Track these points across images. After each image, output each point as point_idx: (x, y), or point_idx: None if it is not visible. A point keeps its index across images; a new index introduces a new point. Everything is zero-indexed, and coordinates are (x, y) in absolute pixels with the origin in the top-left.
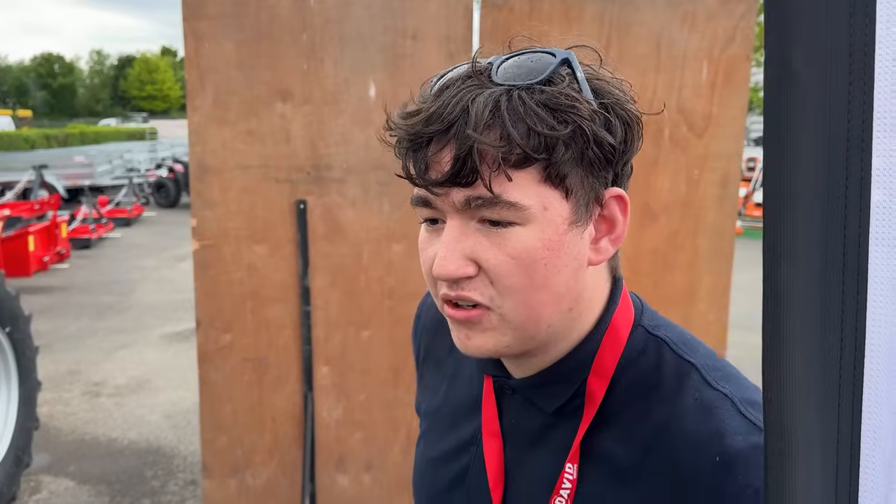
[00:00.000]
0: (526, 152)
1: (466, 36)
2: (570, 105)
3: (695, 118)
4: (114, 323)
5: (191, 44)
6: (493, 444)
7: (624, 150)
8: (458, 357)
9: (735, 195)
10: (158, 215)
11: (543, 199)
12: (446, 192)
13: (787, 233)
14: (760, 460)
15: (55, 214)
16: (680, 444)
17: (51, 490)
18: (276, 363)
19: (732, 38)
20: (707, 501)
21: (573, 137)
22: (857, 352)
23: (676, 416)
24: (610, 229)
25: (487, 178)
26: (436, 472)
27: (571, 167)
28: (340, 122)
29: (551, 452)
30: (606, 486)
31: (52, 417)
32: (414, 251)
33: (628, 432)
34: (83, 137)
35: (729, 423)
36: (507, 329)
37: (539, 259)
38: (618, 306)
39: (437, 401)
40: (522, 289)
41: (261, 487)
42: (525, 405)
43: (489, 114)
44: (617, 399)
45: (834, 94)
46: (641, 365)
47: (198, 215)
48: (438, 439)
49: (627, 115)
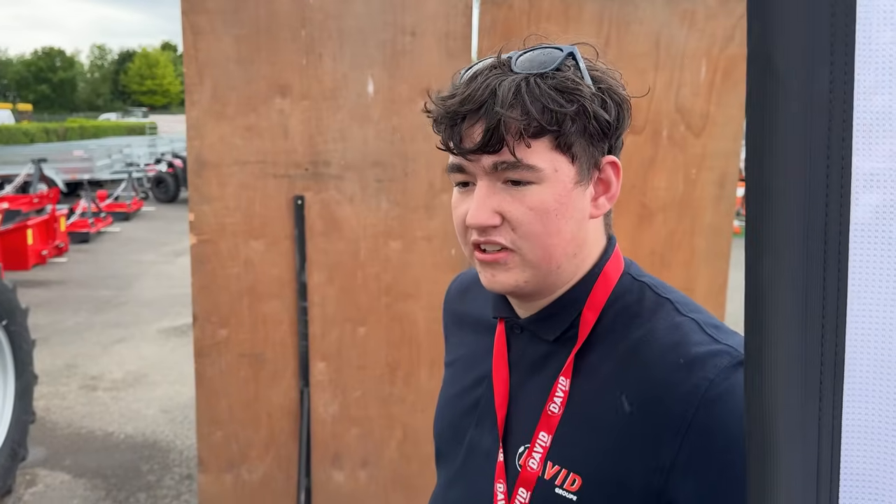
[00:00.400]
0: (541, 125)
1: (466, 33)
2: (575, 88)
3: (693, 117)
4: (111, 317)
5: (189, 38)
6: (501, 373)
7: (617, 126)
8: (476, 315)
9: (732, 195)
10: (157, 210)
11: (554, 163)
12: (477, 158)
13: (768, 228)
14: (716, 361)
15: (54, 208)
16: (651, 352)
17: (46, 483)
18: (272, 359)
19: (731, 37)
20: (671, 394)
21: (578, 114)
22: (837, 346)
23: (650, 332)
24: (606, 189)
25: (511, 145)
26: (454, 404)
27: (576, 138)
28: (339, 118)
29: (549, 375)
30: (592, 395)
31: (48, 411)
32: (411, 248)
33: (611, 350)
34: (83, 132)
35: (692, 336)
36: (525, 267)
37: (551, 210)
38: (610, 258)
39: (459, 352)
40: (538, 234)
41: (256, 482)
42: (530, 340)
43: (512, 95)
44: (604, 326)
45: (815, 91)
46: (626, 300)
47: (195, 210)
48: (458, 380)
49: (619, 98)
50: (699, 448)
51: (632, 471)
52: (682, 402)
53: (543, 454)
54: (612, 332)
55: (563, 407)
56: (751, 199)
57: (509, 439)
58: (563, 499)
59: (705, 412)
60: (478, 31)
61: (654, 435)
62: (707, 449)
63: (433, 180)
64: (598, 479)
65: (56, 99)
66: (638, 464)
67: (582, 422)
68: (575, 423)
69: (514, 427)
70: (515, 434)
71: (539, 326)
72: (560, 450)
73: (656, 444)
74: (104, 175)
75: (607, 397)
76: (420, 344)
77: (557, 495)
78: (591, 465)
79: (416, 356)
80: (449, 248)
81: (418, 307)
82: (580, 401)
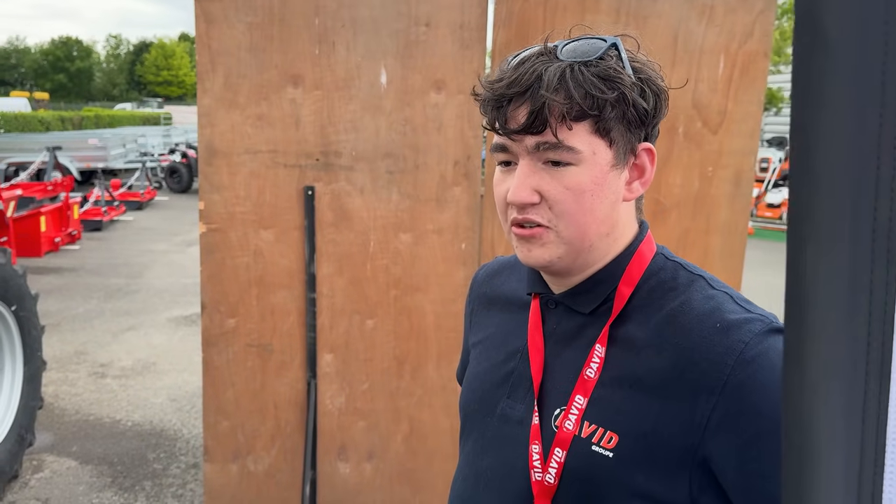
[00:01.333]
0: (583, 109)
1: (481, 24)
2: (616, 76)
3: (710, 114)
4: (122, 305)
5: (202, 25)
6: (536, 342)
7: (654, 115)
8: (506, 295)
9: (748, 193)
10: (170, 200)
11: (593, 146)
12: (521, 138)
13: (812, 214)
14: (751, 326)
15: (67, 196)
16: (687, 319)
17: (53, 469)
18: (279, 349)
19: (751, 33)
20: (708, 355)
21: (618, 101)
22: (884, 343)
23: (685, 303)
24: (640, 174)
25: (554, 127)
26: (484, 378)
27: (615, 123)
28: (351, 108)
29: (584, 344)
30: (627, 360)
31: (57, 397)
32: (421, 241)
33: (646, 320)
34: (98, 121)
35: (726, 305)
36: (560, 244)
37: (587, 191)
38: (643, 239)
39: (488, 331)
40: (574, 213)
41: (262, 473)
42: (565, 313)
43: (557, 80)
44: (639, 299)
45: (868, 64)
46: (661, 276)
47: (205, 198)
48: (488, 356)
49: (657, 89)
50: (734, 407)
51: (667, 428)
52: (718, 363)
53: (579, 415)
54: (647, 304)
55: (599, 372)
56: (794, 183)
57: (544, 403)
58: (600, 455)
59: (741, 372)
60: (493, 22)
61: (690, 394)
62: (741, 408)
63: (445, 173)
64: (634, 436)
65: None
66: (674, 422)
67: (618, 384)
68: (611, 386)
69: (549, 392)
70: (550, 398)
71: (574, 300)
72: (596, 411)
73: (692, 402)
74: (118, 164)
75: (643, 361)
76: (428, 338)
77: (594, 452)
78: (627, 424)
79: (424, 350)
80: (459, 242)
81: (427, 300)
82: (616, 366)
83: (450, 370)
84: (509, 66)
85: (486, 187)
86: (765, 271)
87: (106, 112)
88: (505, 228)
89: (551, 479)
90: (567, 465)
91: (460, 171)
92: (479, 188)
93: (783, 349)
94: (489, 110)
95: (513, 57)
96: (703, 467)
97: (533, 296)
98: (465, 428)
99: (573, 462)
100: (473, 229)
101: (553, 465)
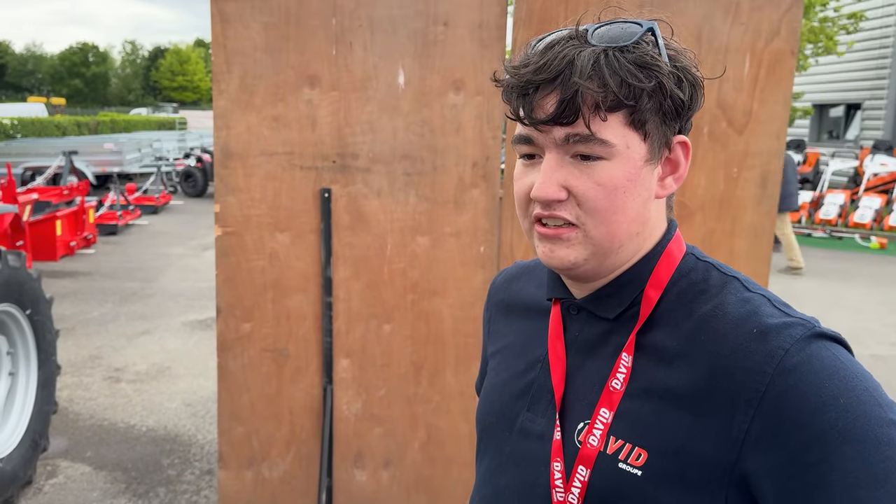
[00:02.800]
0: (619, 98)
1: (500, 23)
2: (654, 64)
3: (735, 114)
4: (137, 309)
5: (218, 26)
6: (557, 352)
7: (690, 106)
8: (525, 301)
9: (775, 195)
10: (185, 204)
11: (627, 140)
12: (549, 129)
13: None
14: (791, 332)
15: (83, 200)
16: (721, 325)
17: (67, 475)
18: (295, 354)
19: (777, 31)
20: (744, 364)
21: (655, 91)
22: None
23: (719, 306)
24: (674, 169)
25: (587, 117)
26: (502, 390)
27: (650, 115)
28: (368, 109)
29: (609, 353)
30: (656, 370)
31: (71, 402)
32: (439, 244)
33: (677, 326)
34: (114, 125)
35: (763, 309)
36: (588, 244)
37: (620, 187)
38: (673, 238)
39: (506, 340)
40: (604, 210)
41: (277, 480)
42: (588, 319)
43: (591, 66)
44: (668, 304)
45: None
46: (691, 278)
47: (221, 201)
48: (507, 366)
49: (694, 79)
50: (774, 419)
51: (701, 444)
52: (756, 372)
53: (605, 430)
54: (677, 309)
55: (626, 383)
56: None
57: (566, 417)
58: (628, 474)
59: (782, 382)
60: (512, 21)
61: (725, 406)
62: (783, 420)
63: (463, 175)
64: (664, 452)
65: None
66: (707, 437)
67: (647, 397)
68: (639, 398)
69: (572, 405)
70: (573, 412)
71: (598, 305)
72: (623, 425)
73: (728, 416)
74: (133, 168)
75: (674, 372)
76: (446, 343)
77: (621, 470)
78: (657, 439)
79: (442, 355)
80: (478, 245)
81: (445, 305)
82: (644, 376)
83: (468, 376)
84: (535, 51)
85: (506, 189)
86: (784, 276)
87: (121, 117)
88: (524, 226)
89: (574, 499)
90: (591, 485)
91: (479, 172)
92: (498, 190)
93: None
94: (513, 98)
95: (538, 41)
96: (741, 487)
97: (553, 301)
98: (482, 442)
99: (598, 481)
100: (492, 232)
101: (576, 485)
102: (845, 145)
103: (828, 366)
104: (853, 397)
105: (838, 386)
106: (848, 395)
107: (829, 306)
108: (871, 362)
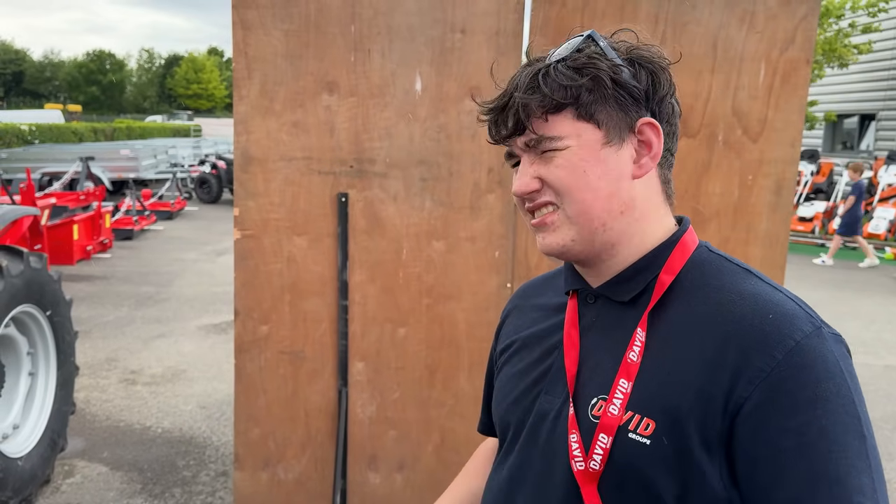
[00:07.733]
0: (557, 101)
1: (517, 31)
2: (590, 63)
3: (750, 121)
4: (152, 313)
5: (239, 32)
6: (572, 334)
7: (654, 91)
8: (542, 302)
9: (790, 203)
10: (200, 210)
11: (578, 130)
12: (514, 141)
13: None
14: (802, 326)
15: (100, 205)
16: (739, 310)
17: (84, 475)
18: (311, 357)
19: (792, 40)
20: (758, 345)
21: (594, 84)
22: None
23: (736, 294)
24: (648, 149)
25: (531, 124)
26: (519, 378)
27: (599, 106)
28: (385, 115)
29: (624, 332)
30: (668, 345)
31: (88, 403)
32: (454, 249)
33: (689, 307)
34: (130, 132)
35: (783, 301)
36: (570, 224)
37: (579, 167)
38: (686, 231)
39: (520, 333)
40: (571, 188)
41: (292, 482)
42: (604, 305)
43: (528, 81)
44: (681, 287)
45: None
46: (705, 268)
47: (240, 205)
48: (523, 357)
49: (653, 66)
50: (768, 398)
51: (703, 415)
52: (766, 355)
53: (624, 401)
54: (690, 292)
55: (640, 357)
56: None
57: (580, 394)
58: (637, 443)
59: (786, 369)
60: (529, 28)
61: (729, 380)
62: (775, 403)
63: (478, 180)
64: (670, 422)
65: (105, 100)
66: (709, 408)
67: (657, 371)
68: (651, 372)
69: (585, 384)
70: (586, 389)
71: (614, 290)
72: (635, 397)
73: (730, 388)
74: (149, 174)
75: (684, 348)
76: (460, 347)
77: (631, 440)
78: (664, 411)
79: (456, 359)
80: (493, 250)
81: (460, 309)
82: (656, 352)
83: (482, 380)
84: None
85: None
86: (799, 285)
87: (137, 124)
88: (527, 225)
89: (596, 465)
90: (612, 452)
91: (494, 178)
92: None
93: None
94: (489, 127)
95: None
96: (727, 455)
97: (570, 295)
98: (499, 428)
99: (617, 449)
100: (507, 237)
101: (598, 452)
102: (859, 156)
103: (830, 367)
104: (839, 404)
105: (831, 390)
106: (836, 401)
107: (842, 316)
108: (884, 373)
